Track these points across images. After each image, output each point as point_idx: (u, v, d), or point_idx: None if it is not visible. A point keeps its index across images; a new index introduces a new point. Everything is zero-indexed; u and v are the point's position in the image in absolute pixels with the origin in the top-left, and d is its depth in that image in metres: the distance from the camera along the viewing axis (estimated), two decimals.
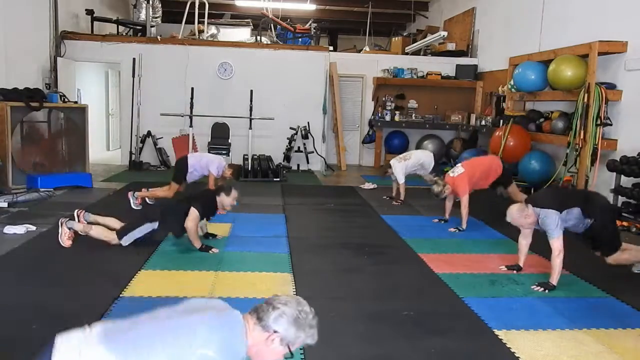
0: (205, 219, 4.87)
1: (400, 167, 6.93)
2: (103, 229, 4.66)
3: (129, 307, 3.26)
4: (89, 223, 4.76)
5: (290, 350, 1.77)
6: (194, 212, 4.56)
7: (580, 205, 4.00)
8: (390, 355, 2.85)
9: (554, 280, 3.91)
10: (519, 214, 4.03)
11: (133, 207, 6.14)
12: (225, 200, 4.81)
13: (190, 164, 6.40)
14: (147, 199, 6.29)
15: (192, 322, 1.70)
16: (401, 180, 6.92)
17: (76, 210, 4.86)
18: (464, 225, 5.62)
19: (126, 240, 4.53)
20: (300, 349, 2.82)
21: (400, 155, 7.25)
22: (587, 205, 4.03)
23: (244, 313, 1.80)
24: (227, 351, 1.65)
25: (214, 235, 5.03)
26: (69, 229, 4.56)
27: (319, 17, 13.34)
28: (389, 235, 5.43)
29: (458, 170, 5.80)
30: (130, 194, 6.23)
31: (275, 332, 1.73)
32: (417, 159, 7.12)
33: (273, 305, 1.75)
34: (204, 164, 6.45)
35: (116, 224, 4.75)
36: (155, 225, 4.62)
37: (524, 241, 4.29)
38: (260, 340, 1.74)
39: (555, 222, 3.86)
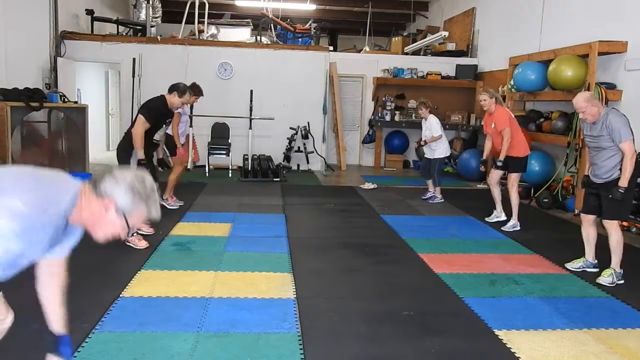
0: (163, 126, 4.73)
1: (437, 121, 7.27)
2: None
3: (129, 307, 3.24)
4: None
5: (127, 224, 1.73)
6: (139, 118, 4.46)
7: None
8: (390, 355, 2.85)
9: (625, 182, 3.84)
10: (586, 100, 3.90)
11: (171, 207, 6.08)
12: (174, 100, 4.69)
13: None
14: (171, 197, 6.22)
15: (18, 178, 1.65)
16: (438, 132, 7.14)
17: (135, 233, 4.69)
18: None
19: None
20: (301, 349, 2.83)
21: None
22: None
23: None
24: (38, 204, 1.57)
25: (167, 166, 4.92)
26: (133, 234, 4.54)
27: (319, 17, 13.36)
28: (389, 235, 5.42)
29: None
30: (162, 202, 5.98)
31: (109, 199, 1.69)
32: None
33: (112, 174, 1.73)
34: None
35: None
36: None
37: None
38: (95, 208, 1.70)
39: (625, 123, 3.80)
